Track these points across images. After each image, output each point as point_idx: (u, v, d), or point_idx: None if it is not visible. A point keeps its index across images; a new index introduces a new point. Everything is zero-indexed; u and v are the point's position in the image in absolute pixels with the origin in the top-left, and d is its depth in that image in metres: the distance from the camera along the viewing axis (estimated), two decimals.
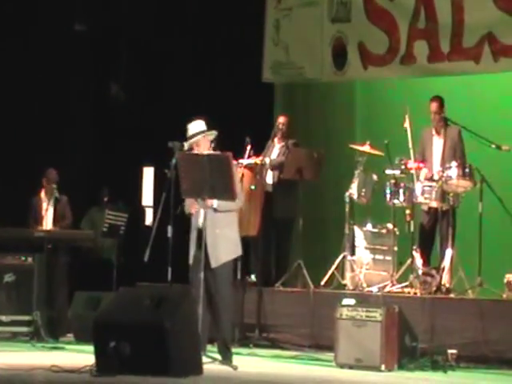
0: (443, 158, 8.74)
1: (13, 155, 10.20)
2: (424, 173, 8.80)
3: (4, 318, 8.85)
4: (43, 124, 10.91)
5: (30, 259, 9.06)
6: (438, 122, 8.84)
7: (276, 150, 9.51)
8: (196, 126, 7.33)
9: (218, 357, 7.18)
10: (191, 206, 7.18)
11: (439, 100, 8.86)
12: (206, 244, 7.10)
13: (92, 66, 11.53)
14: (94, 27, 11.45)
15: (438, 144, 8.89)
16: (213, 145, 7.34)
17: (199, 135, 7.26)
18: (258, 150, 9.30)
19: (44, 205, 9.61)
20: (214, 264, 7.06)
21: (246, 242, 9.04)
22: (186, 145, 7.29)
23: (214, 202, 7.10)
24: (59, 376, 6.41)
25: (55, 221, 9.64)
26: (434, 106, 8.85)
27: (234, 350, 7.55)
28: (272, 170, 9.33)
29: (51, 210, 9.64)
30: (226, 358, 7.13)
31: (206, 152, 7.26)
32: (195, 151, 7.25)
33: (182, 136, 7.38)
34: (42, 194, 9.66)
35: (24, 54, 10.83)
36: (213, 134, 7.32)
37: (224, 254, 7.12)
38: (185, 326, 6.43)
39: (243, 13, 10.62)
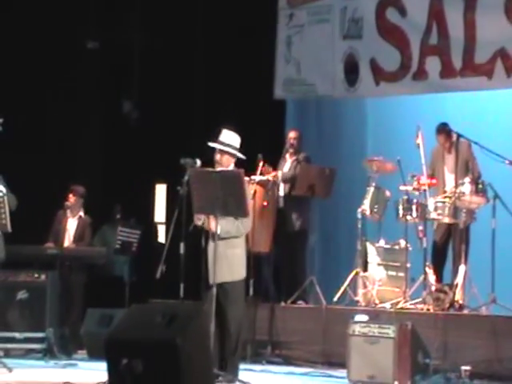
0: (456, 174, 8.73)
1: (25, 172, 10.24)
2: (437, 189, 8.80)
3: (17, 335, 8.86)
4: (56, 141, 10.96)
5: (43, 276, 9.08)
6: (447, 147, 8.85)
7: (288, 164, 9.53)
8: (229, 137, 7.26)
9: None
10: (196, 218, 7.17)
11: (445, 131, 8.82)
12: (207, 261, 7.09)
13: (104, 84, 11.58)
14: (106, 45, 11.51)
15: (449, 160, 8.88)
16: (232, 161, 7.30)
17: (231, 150, 7.20)
18: (270, 166, 9.31)
19: (69, 221, 9.63)
20: (211, 281, 7.05)
21: (258, 258, 9.06)
22: (213, 145, 7.20)
23: (218, 229, 7.05)
24: None
25: (74, 240, 9.68)
26: (441, 138, 8.86)
27: (246, 366, 7.53)
28: (284, 182, 9.33)
29: (73, 227, 9.67)
30: (232, 374, 7.07)
31: (218, 169, 7.26)
32: (216, 158, 7.19)
33: (194, 153, 7.38)
34: (68, 210, 9.67)
35: (37, 72, 10.89)
36: (239, 157, 7.27)
37: (225, 274, 7.06)
38: (197, 343, 6.42)
39: (255, 30, 10.66)
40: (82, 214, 9.73)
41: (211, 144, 7.24)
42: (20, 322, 8.93)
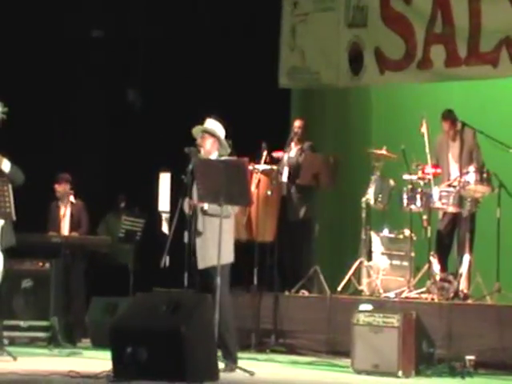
0: (461, 163, 8.71)
1: (30, 161, 10.23)
2: (441, 178, 8.78)
3: (22, 324, 8.88)
4: (60, 130, 10.95)
5: (47, 265, 9.09)
6: (452, 135, 8.82)
7: (292, 153, 9.51)
8: (211, 123, 7.27)
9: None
10: (187, 206, 7.17)
11: (450, 118, 8.80)
12: (195, 246, 7.08)
13: (109, 72, 11.56)
14: (110, 33, 11.49)
15: (454, 149, 8.86)
16: (229, 151, 7.32)
17: (213, 134, 7.22)
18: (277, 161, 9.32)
19: (62, 210, 9.65)
20: (200, 266, 7.04)
21: (262, 247, 9.05)
22: (195, 132, 7.22)
23: (205, 204, 7.05)
24: (76, 381, 6.42)
25: (71, 227, 9.67)
26: (446, 125, 8.82)
27: (250, 355, 7.51)
28: (288, 167, 9.30)
29: (68, 215, 9.67)
30: (230, 361, 7.06)
31: (222, 158, 7.26)
32: (198, 142, 7.20)
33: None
34: (59, 198, 9.69)
35: (41, 60, 10.88)
36: (224, 147, 7.26)
37: (213, 258, 7.05)
38: (201, 332, 6.43)
39: (259, 18, 10.62)
40: (72, 199, 9.71)
41: (194, 129, 7.24)
42: (24, 311, 8.95)
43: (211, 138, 7.23)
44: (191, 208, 7.14)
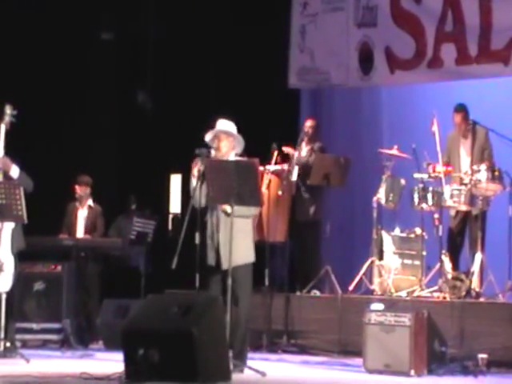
0: (472, 161, 8.68)
1: (40, 164, 10.27)
2: (452, 176, 8.76)
3: (34, 326, 8.91)
4: (71, 132, 10.98)
5: (59, 267, 9.12)
6: (463, 130, 8.79)
7: (303, 153, 9.50)
8: (225, 124, 7.28)
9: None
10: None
11: (463, 112, 8.78)
12: (219, 246, 7.08)
13: (119, 74, 11.59)
14: (120, 36, 11.51)
15: (465, 147, 8.83)
16: (238, 150, 7.31)
17: (224, 131, 7.22)
18: (285, 156, 9.30)
19: (79, 212, 9.67)
20: (225, 266, 7.05)
21: (273, 247, 9.05)
22: (210, 134, 7.23)
23: (228, 207, 7.06)
24: (89, 383, 6.43)
25: (86, 230, 9.70)
26: (458, 118, 8.79)
27: (261, 356, 7.50)
28: (298, 166, 9.30)
29: (84, 217, 9.69)
30: (240, 361, 7.07)
31: (233, 158, 7.26)
32: (215, 145, 7.20)
33: (208, 144, 7.37)
34: (77, 200, 9.70)
35: (52, 62, 10.91)
36: (240, 142, 7.28)
37: (236, 258, 7.06)
38: (212, 333, 6.43)
39: (269, 18, 10.62)
40: (91, 203, 9.74)
41: (207, 135, 7.23)
42: (37, 313, 8.98)
43: (228, 139, 7.22)
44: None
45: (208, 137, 7.28)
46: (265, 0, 10.60)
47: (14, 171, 7.90)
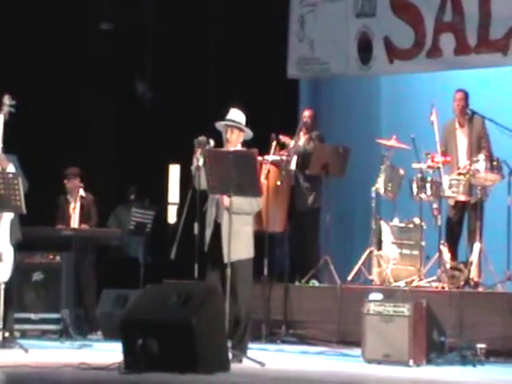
0: (469, 151, 8.67)
1: (40, 154, 10.26)
2: (450, 166, 8.76)
3: (33, 316, 8.92)
4: (69, 122, 10.96)
5: (58, 258, 9.12)
6: (461, 113, 8.78)
7: (301, 142, 9.49)
8: (239, 115, 7.29)
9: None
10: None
11: (464, 92, 8.83)
12: (221, 239, 7.09)
13: (118, 65, 11.56)
14: (120, 26, 11.48)
15: (462, 137, 8.83)
16: (240, 139, 7.33)
17: (237, 125, 7.22)
18: (282, 145, 9.29)
19: (71, 203, 9.66)
20: (226, 259, 7.05)
21: (272, 237, 9.05)
22: (221, 124, 7.22)
23: (229, 203, 7.06)
24: (87, 373, 6.44)
25: (81, 220, 9.69)
26: (458, 94, 8.83)
27: (260, 346, 7.50)
28: (297, 156, 9.29)
29: (77, 208, 9.68)
30: (239, 351, 7.07)
31: (231, 149, 7.26)
32: (227, 136, 7.20)
33: (208, 133, 7.36)
34: (68, 192, 9.70)
35: (51, 53, 10.89)
36: (248, 135, 7.29)
37: (238, 252, 7.07)
38: (212, 323, 6.43)
39: (268, 9, 10.60)
40: (82, 193, 9.69)
41: (220, 123, 7.23)
42: (36, 304, 8.98)
43: (240, 133, 7.25)
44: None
45: (220, 125, 7.27)
46: None
47: (10, 169, 7.89)
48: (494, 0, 9.18)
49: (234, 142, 7.25)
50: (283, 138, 9.23)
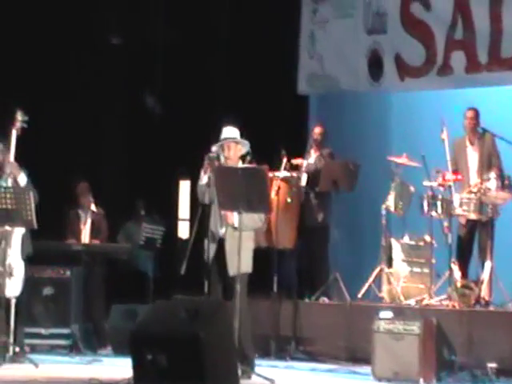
0: (480, 169, 8.66)
1: (50, 168, 10.28)
2: (461, 184, 8.74)
3: (43, 331, 8.92)
4: (79, 137, 10.99)
5: (67, 272, 9.13)
6: (472, 131, 8.78)
7: (312, 159, 9.50)
8: (232, 131, 7.35)
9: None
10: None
11: (475, 110, 8.82)
12: (225, 252, 7.09)
13: (128, 79, 11.60)
14: (129, 40, 11.53)
15: (473, 154, 8.82)
16: (248, 158, 7.34)
17: (232, 139, 7.26)
18: (294, 167, 9.30)
19: (82, 218, 9.68)
20: (231, 272, 7.05)
21: (281, 254, 9.04)
22: (217, 145, 7.28)
23: (235, 221, 7.07)
24: None
25: (91, 234, 9.70)
26: (470, 113, 8.81)
27: (270, 362, 7.48)
28: (306, 173, 9.30)
29: (88, 223, 9.70)
30: (247, 367, 7.06)
31: (242, 165, 7.27)
32: (225, 154, 7.23)
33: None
34: (79, 207, 9.73)
35: (60, 67, 10.93)
36: (245, 145, 7.31)
37: (243, 265, 7.08)
38: (220, 338, 6.42)
39: (279, 24, 10.62)
40: (93, 208, 9.73)
41: (215, 145, 7.24)
42: (45, 318, 8.99)
43: (236, 147, 7.27)
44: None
45: (216, 147, 7.29)
46: (275, 6, 10.60)
47: (22, 179, 7.93)
48: (506, 18, 9.18)
49: (233, 157, 7.26)
50: (295, 161, 9.23)
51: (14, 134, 7.88)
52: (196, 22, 11.29)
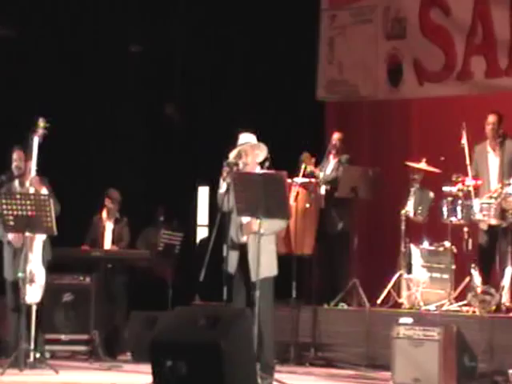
0: (501, 174, 8.62)
1: (70, 175, 10.33)
2: (481, 189, 8.70)
3: (63, 337, 8.96)
4: (99, 144, 11.04)
5: (87, 279, 9.16)
6: (493, 137, 8.72)
7: (330, 166, 9.49)
8: (248, 137, 7.34)
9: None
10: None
11: (498, 115, 8.76)
12: (248, 258, 7.08)
13: (147, 87, 11.64)
14: (148, 48, 11.57)
15: (494, 161, 8.76)
16: (267, 164, 7.33)
17: (248, 143, 7.26)
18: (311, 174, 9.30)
19: (106, 224, 9.72)
20: (254, 278, 7.03)
21: (300, 260, 9.03)
22: (234, 152, 7.27)
23: (257, 226, 7.02)
24: None
25: (113, 241, 9.73)
26: (492, 118, 8.75)
27: (289, 369, 7.46)
28: (325, 184, 9.28)
29: (111, 230, 9.74)
30: (267, 374, 7.04)
31: (260, 171, 7.26)
32: (242, 160, 7.22)
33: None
34: (104, 214, 9.76)
35: (80, 75, 10.99)
36: (263, 149, 7.28)
37: (265, 269, 7.05)
38: (240, 346, 6.41)
39: (297, 31, 10.63)
40: (117, 215, 9.79)
41: (231, 154, 7.23)
42: (65, 325, 9.03)
43: (253, 152, 7.25)
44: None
45: (233, 154, 7.28)
46: (293, 12, 10.61)
47: (43, 192, 7.97)
48: None
49: (251, 163, 7.22)
50: (311, 168, 9.19)
51: (35, 141, 7.94)
52: (214, 29, 11.31)
